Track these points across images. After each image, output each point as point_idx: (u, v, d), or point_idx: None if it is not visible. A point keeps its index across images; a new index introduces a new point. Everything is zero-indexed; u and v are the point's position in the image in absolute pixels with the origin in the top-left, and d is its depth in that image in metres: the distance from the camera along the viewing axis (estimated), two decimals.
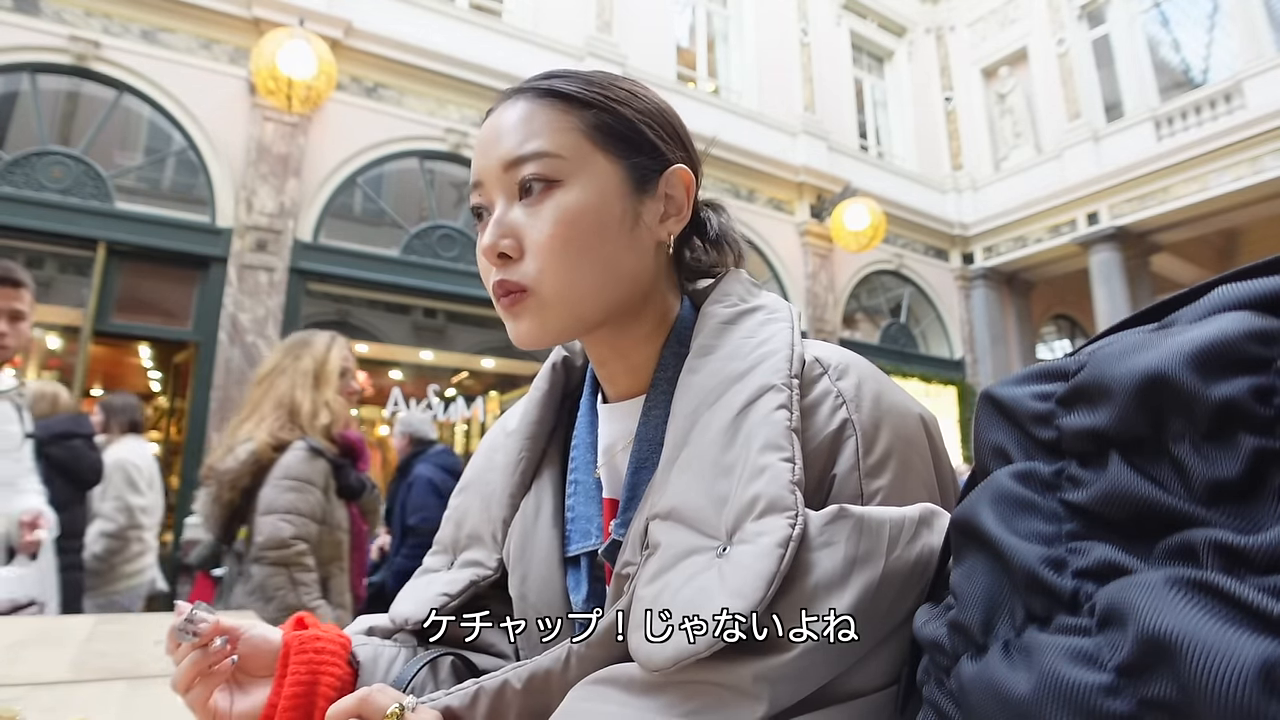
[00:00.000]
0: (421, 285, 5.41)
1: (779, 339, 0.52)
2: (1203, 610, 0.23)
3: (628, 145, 0.55)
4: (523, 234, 0.52)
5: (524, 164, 0.52)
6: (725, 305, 0.56)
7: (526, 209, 0.52)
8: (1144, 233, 7.71)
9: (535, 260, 0.52)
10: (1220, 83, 7.10)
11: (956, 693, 0.31)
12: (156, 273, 4.75)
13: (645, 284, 0.56)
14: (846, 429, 0.47)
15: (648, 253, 0.56)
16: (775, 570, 0.40)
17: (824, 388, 0.49)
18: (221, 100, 4.86)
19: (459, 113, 5.70)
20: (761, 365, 0.50)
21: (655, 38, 6.90)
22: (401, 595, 0.63)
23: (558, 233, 0.51)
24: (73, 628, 1.23)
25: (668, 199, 0.57)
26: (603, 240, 0.52)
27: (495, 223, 0.53)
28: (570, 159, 0.52)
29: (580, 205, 0.52)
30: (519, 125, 0.53)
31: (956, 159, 9.11)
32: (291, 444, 1.78)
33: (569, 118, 0.53)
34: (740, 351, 0.52)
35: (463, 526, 0.64)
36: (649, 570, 0.46)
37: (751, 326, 0.54)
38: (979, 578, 0.32)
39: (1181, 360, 0.26)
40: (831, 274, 7.52)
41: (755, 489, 0.44)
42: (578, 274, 0.52)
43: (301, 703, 0.53)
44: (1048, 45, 8.42)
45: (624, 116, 0.55)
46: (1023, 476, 0.31)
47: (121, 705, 0.87)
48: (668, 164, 0.56)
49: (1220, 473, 0.25)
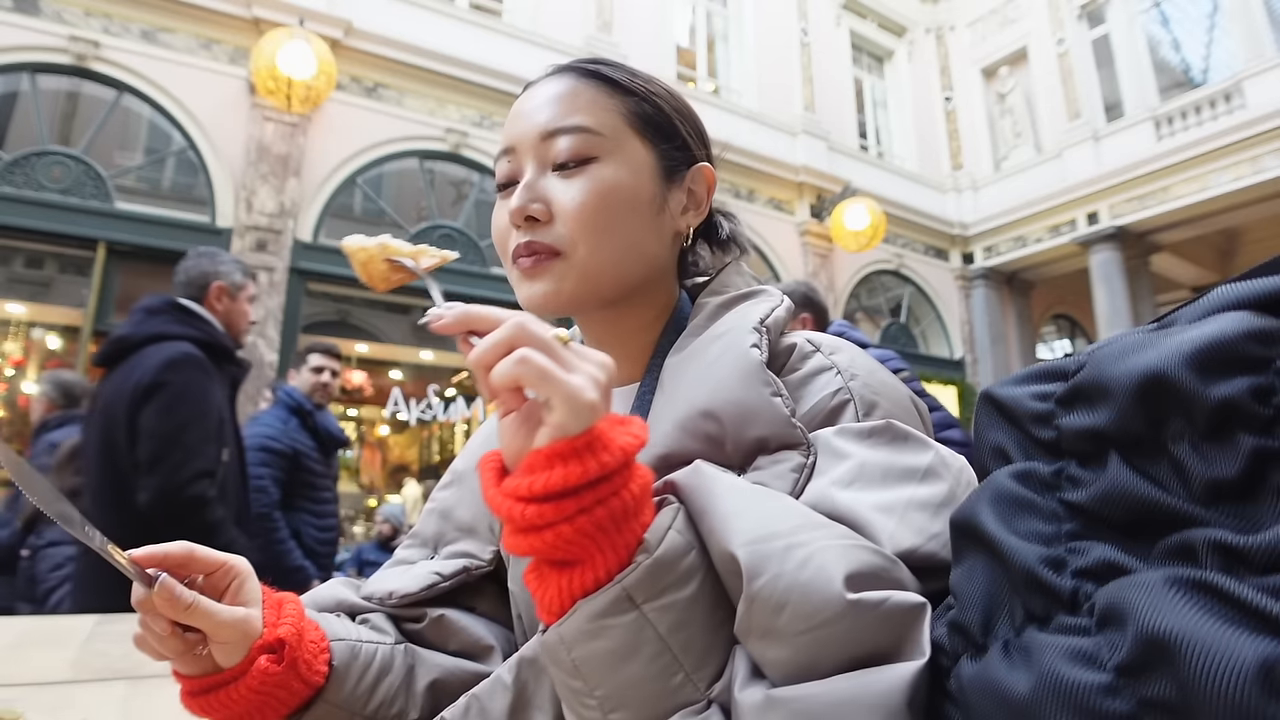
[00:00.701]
0: (421, 285, 5.40)
1: (760, 307, 0.55)
2: (1202, 610, 0.23)
3: (661, 134, 0.57)
4: (553, 200, 0.53)
5: (563, 135, 0.54)
6: (720, 294, 0.59)
7: (561, 178, 0.54)
8: (1144, 232, 7.71)
9: (566, 225, 0.53)
10: (1220, 82, 7.10)
11: (956, 693, 0.31)
12: (156, 273, 4.74)
13: (658, 270, 0.59)
14: (842, 393, 0.49)
15: (666, 240, 0.58)
16: (790, 491, 0.43)
17: (819, 361, 0.51)
18: (221, 100, 4.86)
19: (459, 113, 5.70)
20: (738, 326, 0.53)
21: (655, 38, 6.90)
22: (380, 576, 0.62)
23: (592, 202, 0.53)
24: (73, 628, 1.23)
25: (690, 193, 0.59)
26: (633, 217, 0.54)
27: (526, 186, 0.54)
28: (609, 137, 0.54)
29: (616, 180, 0.54)
30: (562, 99, 0.55)
31: (956, 159, 9.11)
32: None
33: (612, 100, 0.56)
34: (725, 322, 0.55)
35: (450, 518, 0.64)
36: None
37: (743, 308, 0.56)
38: (978, 578, 0.32)
39: (1181, 360, 0.26)
40: (831, 274, 7.52)
41: (757, 431, 0.46)
42: (606, 244, 0.53)
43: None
44: (1048, 45, 8.42)
45: (661, 108, 0.58)
46: (1022, 476, 0.31)
47: (121, 705, 0.87)
48: (694, 160, 0.59)
49: (1219, 472, 0.25)
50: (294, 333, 4.91)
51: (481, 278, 5.66)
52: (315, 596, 0.61)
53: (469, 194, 5.90)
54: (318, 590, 0.62)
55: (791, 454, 0.45)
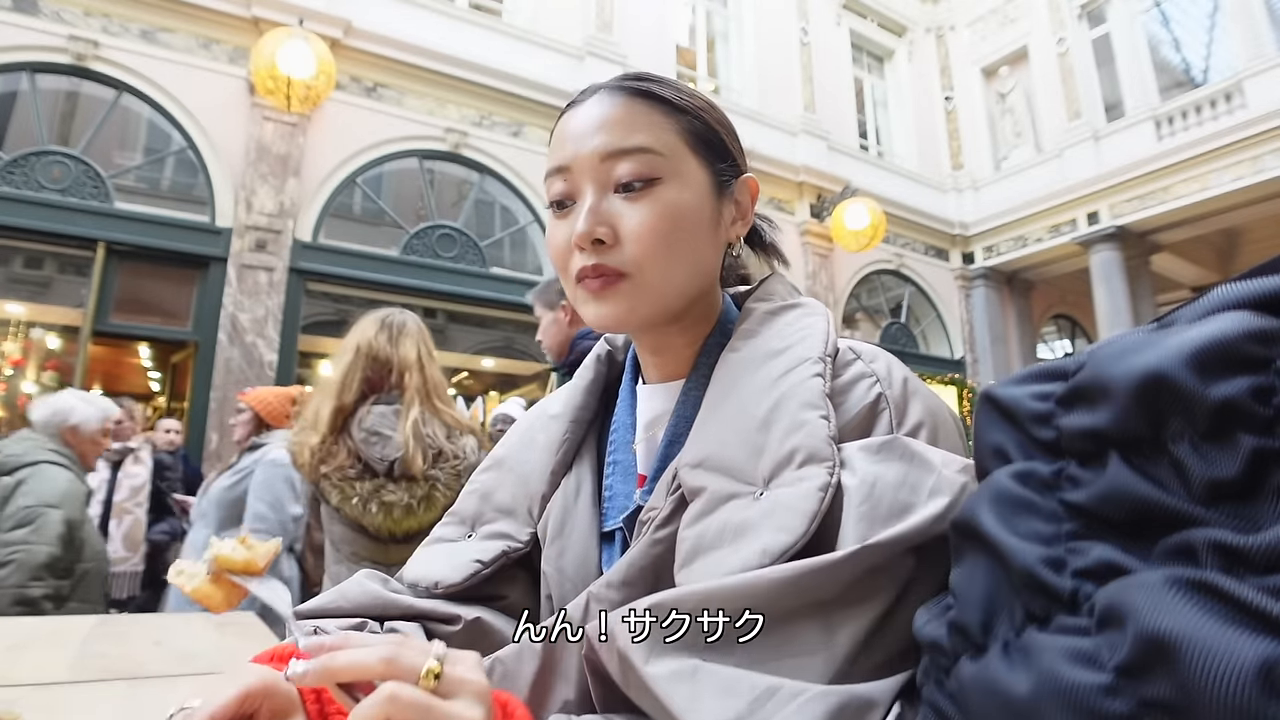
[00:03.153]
0: (421, 285, 5.41)
1: (817, 328, 0.57)
2: (1202, 610, 0.23)
3: (713, 152, 0.59)
4: (619, 223, 0.55)
5: (627, 157, 0.55)
6: (769, 302, 0.61)
7: (626, 201, 0.55)
8: (1144, 232, 7.71)
9: (635, 247, 0.54)
10: (1220, 82, 7.10)
11: (956, 693, 0.31)
12: (156, 273, 4.75)
13: (712, 281, 0.62)
14: (880, 402, 0.51)
15: (720, 252, 0.61)
16: (817, 509, 0.43)
17: (859, 369, 0.53)
18: (221, 100, 4.86)
19: (459, 112, 5.70)
20: (800, 344, 0.55)
21: (655, 37, 6.90)
22: (420, 560, 0.63)
23: (661, 227, 0.54)
24: (72, 628, 1.23)
25: (737, 204, 0.62)
26: (697, 237, 0.56)
27: (591, 211, 0.55)
28: (670, 158, 0.56)
29: (682, 202, 0.55)
30: (621, 120, 0.56)
31: (956, 159, 9.11)
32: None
33: (668, 120, 0.57)
34: (781, 335, 0.57)
35: (490, 500, 0.65)
36: (691, 513, 0.49)
37: (792, 318, 0.58)
38: (979, 578, 0.32)
39: (1180, 360, 0.26)
40: (831, 274, 7.52)
41: (794, 442, 0.47)
42: (675, 266, 0.55)
43: None
44: (1048, 45, 8.42)
45: (710, 125, 0.59)
46: (1022, 476, 0.31)
47: (121, 705, 0.87)
48: (739, 172, 0.62)
49: (1219, 472, 0.25)
50: (293, 332, 4.91)
51: (482, 278, 5.66)
52: (347, 592, 0.59)
53: (469, 194, 5.90)
54: (348, 587, 0.59)
55: (818, 470, 0.46)
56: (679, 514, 0.50)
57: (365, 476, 1.56)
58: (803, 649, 0.40)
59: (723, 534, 0.46)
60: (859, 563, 0.40)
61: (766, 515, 0.44)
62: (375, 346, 1.66)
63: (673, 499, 0.51)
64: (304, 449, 1.58)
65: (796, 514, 0.43)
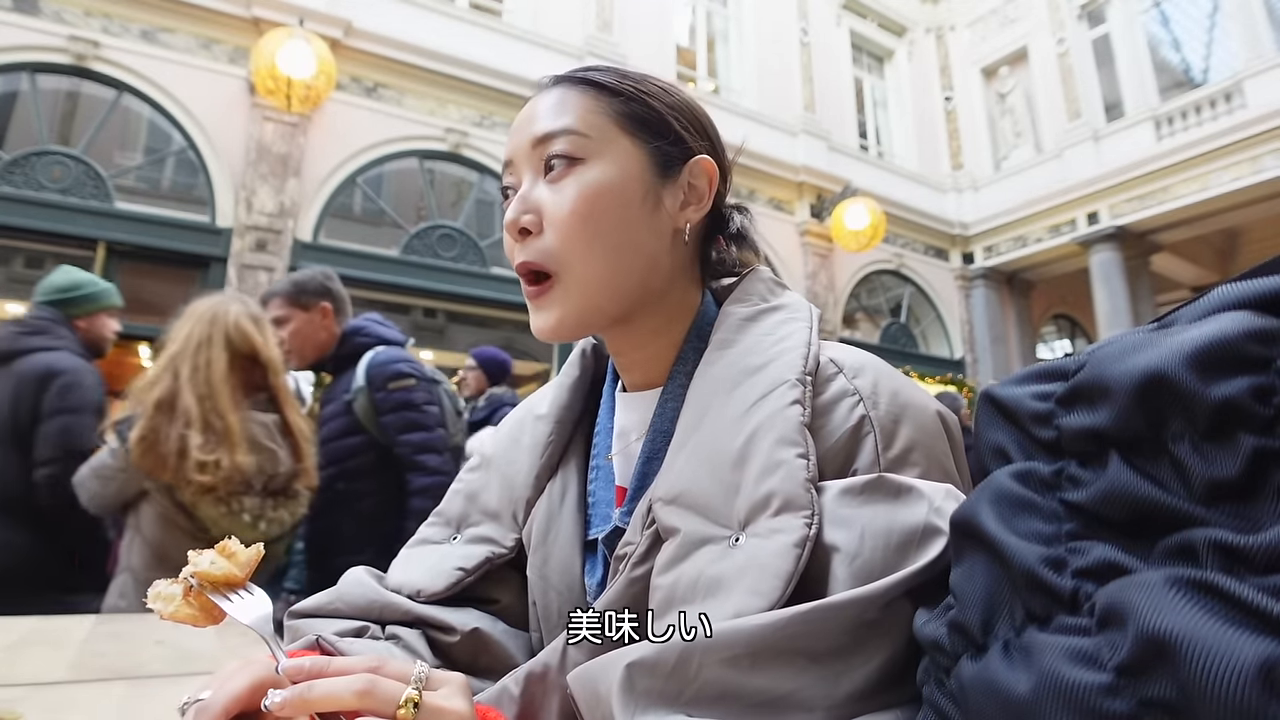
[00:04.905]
0: (421, 285, 5.41)
1: (796, 337, 0.53)
2: (1202, 610, 0.23)
3: (651, 131, 0.56)
4: (544, 209, 0.54)
5: (551, 140, 0.54)
6: (746, 304, 0.58)
7: (550, 185, 0.54)
8: (1144, 232, 7.71)
9: (554, 233, 0.53)
10: (1220, 82, 7.10)
11: (956, 693, 0.31)
12: (156, 273, 4.75)
13: (663, 272, 0.57)
14: (864, 425, 0.47)
15: (665, 238, 0.57)
16: (793, 570, 0.41)
17: (840, 386, 0.50)
18: (221, 100, 4.86)
19: (459, 112, 5.70)
20: (777, 361, 0.51)
21: (655, 37, 6.90)
22: (402, 564, 0.61)
23: (578, 208, 0.52)
24: (72, 628, 1.23)
25: (690, 187, 0.58)
26: (623, 218, 0.54)
27: (519, 198, 0.55)
28: (595, 139, 0.54)
29: (601, 181, 0.53)
30: (552, 107, 0.56)
31: (956, 159, 9.11)
32: None
33: (599, 103, 0.56)
34: (758, 347, 0.53)
35: (476, 501, 0.64)
36: (664, 557, 0.46)
37: (771, 324, 0.55)
38: (979, 578, 0.32)
39: (1181, 360, 0.26)
40: (831, 274, 7.52)
41: (770, 485, 0.44)
42: (597, 248, 0.53)
43: None
44: (1048, 45, 8.42)
45: (652, 106, 0.57)
46: (1022, 476, 0.31)
47: (121, 705, 0.87)
48: (691, 153, 0.58)
49: (1220, 472, 0.25)
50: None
51: (482, 278, 5.66)
52: (345, 593, 0.58)
53: (469, 194, 5.90)
54: (348, 584, 0.59)
55: (795, 521, 0.43)
56: (654, 551, 0.48)
57: (250, 492, 1.55)
58: (798, 703, 0.37)
59: (695, 588, 0.43)
60: (854, 614, 0.38)
61: (741, 574, 0.42)
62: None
63: (648, 534, 0.49)
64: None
65: (771, 575, 0.41)
